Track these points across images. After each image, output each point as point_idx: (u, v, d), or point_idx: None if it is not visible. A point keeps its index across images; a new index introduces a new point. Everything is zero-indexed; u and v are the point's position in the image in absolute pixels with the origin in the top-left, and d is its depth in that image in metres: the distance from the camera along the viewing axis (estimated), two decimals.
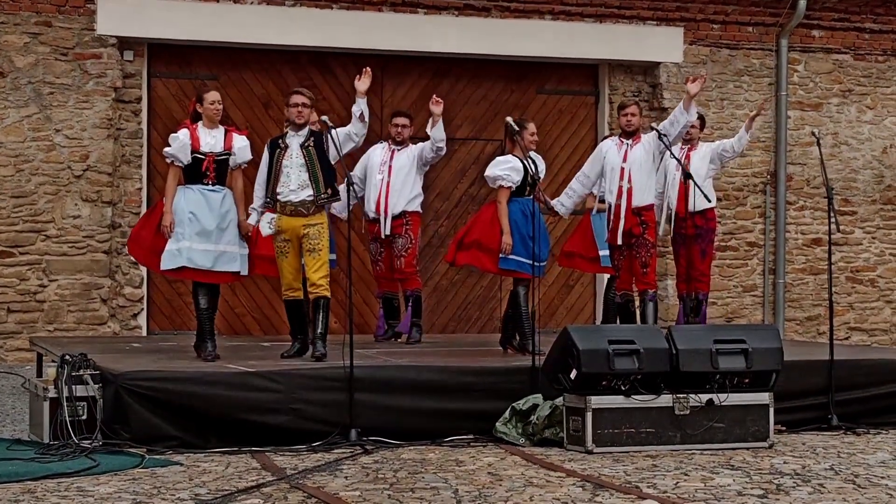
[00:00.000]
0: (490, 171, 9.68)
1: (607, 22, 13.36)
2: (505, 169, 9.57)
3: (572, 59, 13.43)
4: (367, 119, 9.18)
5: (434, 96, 10.29)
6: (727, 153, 11.05)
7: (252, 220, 8.95)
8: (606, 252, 10.38)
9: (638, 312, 10.00)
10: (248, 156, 8.97)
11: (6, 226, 11.88)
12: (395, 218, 10.43)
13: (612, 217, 9.69)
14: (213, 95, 8.88)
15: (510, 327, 9.71)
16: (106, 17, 12.02)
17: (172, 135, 8.89)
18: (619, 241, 9.64)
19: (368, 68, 9.18)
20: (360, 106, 9.12)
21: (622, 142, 9.79)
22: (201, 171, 8.73)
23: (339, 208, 9.90)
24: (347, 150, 9.18)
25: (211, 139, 8.80)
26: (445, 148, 10.46)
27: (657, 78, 13.47)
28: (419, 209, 10.64)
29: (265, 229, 8.86)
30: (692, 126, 10.43)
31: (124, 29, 12.12)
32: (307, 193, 8.79)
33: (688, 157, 10.83)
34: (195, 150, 8.72)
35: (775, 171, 13.87)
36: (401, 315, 10.82)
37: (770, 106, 13.51)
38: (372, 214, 10.48)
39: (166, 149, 8.84)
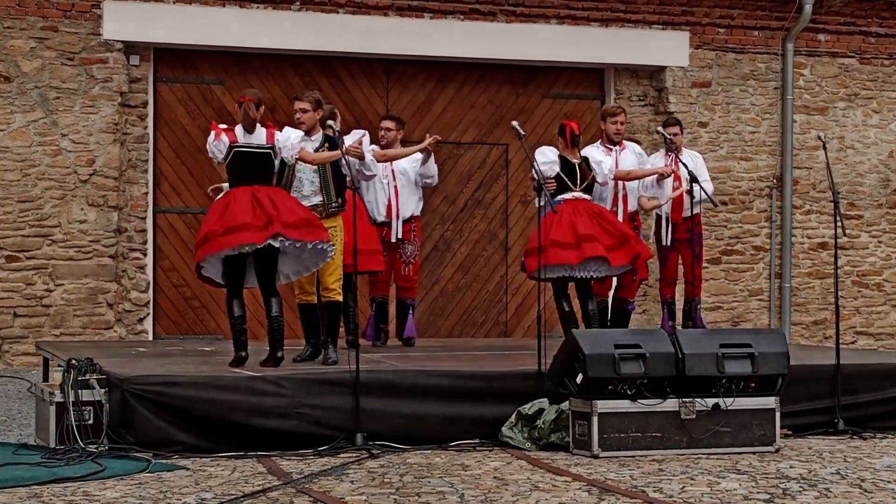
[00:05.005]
0: None
1: (613, 26, 13.36)
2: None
3: (578, 63, 13.43)
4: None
5: (428, 135, 10.40)
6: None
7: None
8: None
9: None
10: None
11: (12, 230, 11.90)
12: (404, 222, 10.45)
13: None
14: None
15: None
16: (112, 21, 12.03)
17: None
18: None
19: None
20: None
21: (609, 148, 9.94)
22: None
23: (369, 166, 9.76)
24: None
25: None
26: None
27: (663, 82, 13.47)
28: (420, 213, 10.74)
29: None
30: (675, 134, 10.49)
31: (130, 33, 12.13)
32: (318, 199, 8.76)
33: (676, 163, 10.32)
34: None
35: (781, 175, 13.86)
36: (388, 319, 10.82)
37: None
38: (381, 218, 10.45)
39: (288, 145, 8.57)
